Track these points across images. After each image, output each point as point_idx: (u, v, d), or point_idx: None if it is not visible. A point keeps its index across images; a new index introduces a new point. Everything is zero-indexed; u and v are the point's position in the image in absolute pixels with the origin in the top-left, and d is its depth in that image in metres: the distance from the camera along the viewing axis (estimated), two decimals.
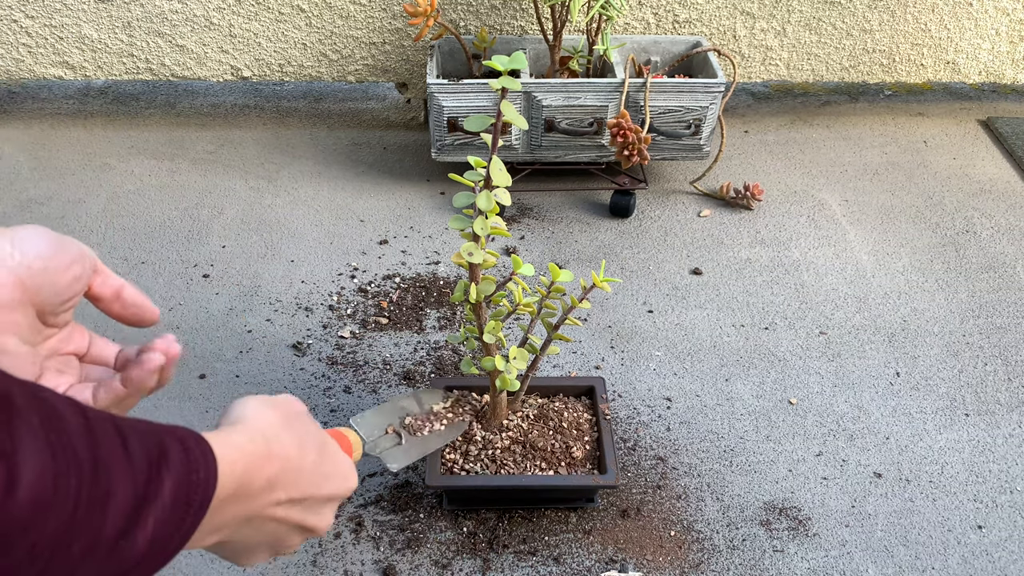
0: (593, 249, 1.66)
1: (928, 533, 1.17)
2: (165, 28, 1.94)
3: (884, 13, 2.01)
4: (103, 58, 1.99)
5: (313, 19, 1.93)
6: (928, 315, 1.53)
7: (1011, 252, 1.68)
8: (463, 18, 1.93)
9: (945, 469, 1.26)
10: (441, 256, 1.63)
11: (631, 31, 1.99)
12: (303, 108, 2.03)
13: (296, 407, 0.58)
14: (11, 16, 1.92)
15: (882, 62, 2.10)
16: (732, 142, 1.99)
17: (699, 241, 1.69)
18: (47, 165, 1.84)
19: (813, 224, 1.74)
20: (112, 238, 1.65)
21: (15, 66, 2.00)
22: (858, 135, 2.03)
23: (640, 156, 1.56)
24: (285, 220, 1.71)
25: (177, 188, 1.79)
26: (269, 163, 1.87)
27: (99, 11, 1.91)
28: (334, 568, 1.11)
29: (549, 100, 1.62)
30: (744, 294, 1.56)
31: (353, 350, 1.42)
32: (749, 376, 1.40)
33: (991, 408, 1.36)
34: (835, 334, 1.48)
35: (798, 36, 2.03)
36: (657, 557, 1.13)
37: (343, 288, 1.55)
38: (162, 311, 1.49)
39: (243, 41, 1.96)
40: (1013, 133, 2.02)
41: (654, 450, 1.28)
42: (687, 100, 1.65)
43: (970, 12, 2.03)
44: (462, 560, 1.12)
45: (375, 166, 1.88)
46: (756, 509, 1.20)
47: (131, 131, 1.95)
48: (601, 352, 1.44)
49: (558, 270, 1.01)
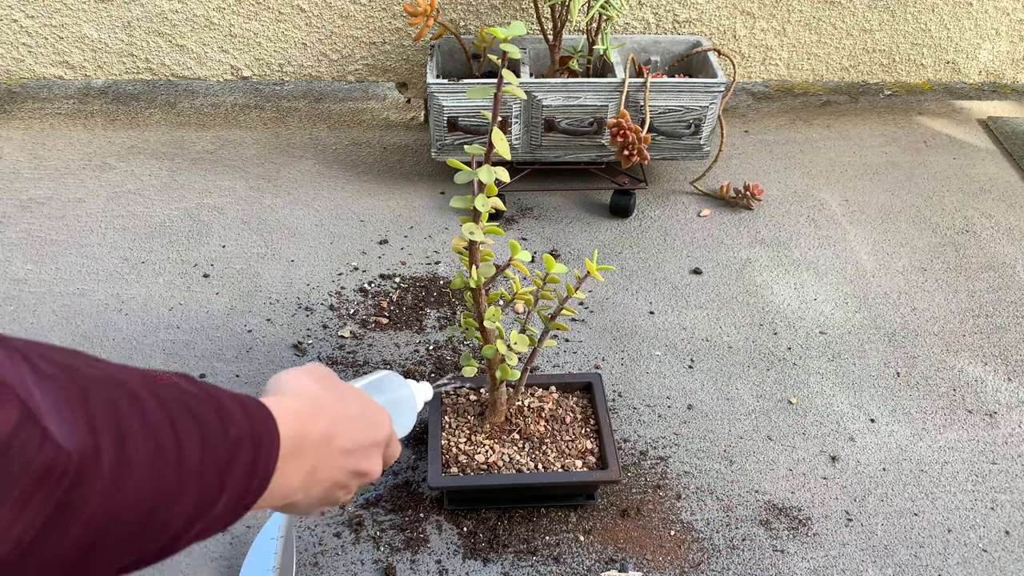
0: (593, 249, 1.66)
1: (928, 533, 1.17)
2: (165, 28, 1.94)
3: (884, 13, 2.01)
4: (103, 58, 1.99)
5: (313, 19, 1.93)
6: (928, 315, 1.53)
7: (1011, 252, 1.68)
8: (463, 18, 1.93)
9: (945, 469, 1.26)
10: (441, 256, 1.63)
11: (631, 31, 1.99)
12: (303, 108, 2.03)
13: (325, 371, 0.63)
14: (11, 16, 1.92)
15: (882, 62, 2.10)
16: (732, 142, 1.99)
17: (699, 241, 1.69)
18: (47, 165, 1.84)
19: (813, 224, 1.74)
20: (112, 238, 1.65)
21: (15, 66, 2.00)
22: (858, 135, 2.03)
23: (640, 156, 1.56)
24: (285, 220, 1.71)
25: (177, 188, 1.79)
26: (269, 163, 1.87)
27: (99, 11, 1.91)
28: (334, 568, 1.11)
29: (549, 100, 1.62)
30: (744, 294, 1.56)
31: (353, 350, 1.42)
32: (749, 376, 1.40)
33: (991, 408, 1.36)
34: (835, 334, 1.48)
35: (798, 36, 2.03)
36: (657, 557, 1.13)
37: (343, 288, 1.55)
38: (162, 311, 1.49)
39: (243, 41, 1.96)
40: (1013, 133, 2.02)
41: (654, 450, 1.28)
42: (687, 100, 1.65)
43: (970, 12, 2.03)
44: (462, 560, 1.12)
45: (375, 166, 1.88)
46: (756, 509, 1.20)
47: (131, 131, 1.95)
48: (601, 352, 1.44)
49: (553, 261, 1.02)
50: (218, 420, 0.44)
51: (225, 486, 0.44)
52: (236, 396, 0.48)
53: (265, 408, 0.50)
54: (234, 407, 0.47)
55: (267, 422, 0.49)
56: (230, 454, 0.45)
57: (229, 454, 0.44)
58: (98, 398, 0.37)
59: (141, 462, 0.38)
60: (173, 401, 0.42)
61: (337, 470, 0.58)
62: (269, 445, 0.48)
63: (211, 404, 0.45)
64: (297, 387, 0.58)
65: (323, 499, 0.59)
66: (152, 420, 0.40)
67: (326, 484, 0.58)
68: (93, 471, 0.35)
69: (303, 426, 0.53)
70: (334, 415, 0.57)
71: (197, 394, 0.45)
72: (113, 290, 1.53)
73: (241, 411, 0.47)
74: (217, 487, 0.44)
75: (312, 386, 0.58)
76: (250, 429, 0.47)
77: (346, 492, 0.61)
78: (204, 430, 0.43)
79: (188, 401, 0.43)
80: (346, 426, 0.59)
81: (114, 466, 0.36)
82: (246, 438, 0.46)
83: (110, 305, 1.50)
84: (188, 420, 0.42)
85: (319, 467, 0.56)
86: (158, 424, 0.40)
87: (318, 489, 0.57)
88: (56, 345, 0.40)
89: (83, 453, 0.35)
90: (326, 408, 0.57)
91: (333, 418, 0.57)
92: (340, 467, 0.58)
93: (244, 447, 0.46)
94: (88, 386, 0.37)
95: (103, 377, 0.39)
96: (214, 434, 0.44)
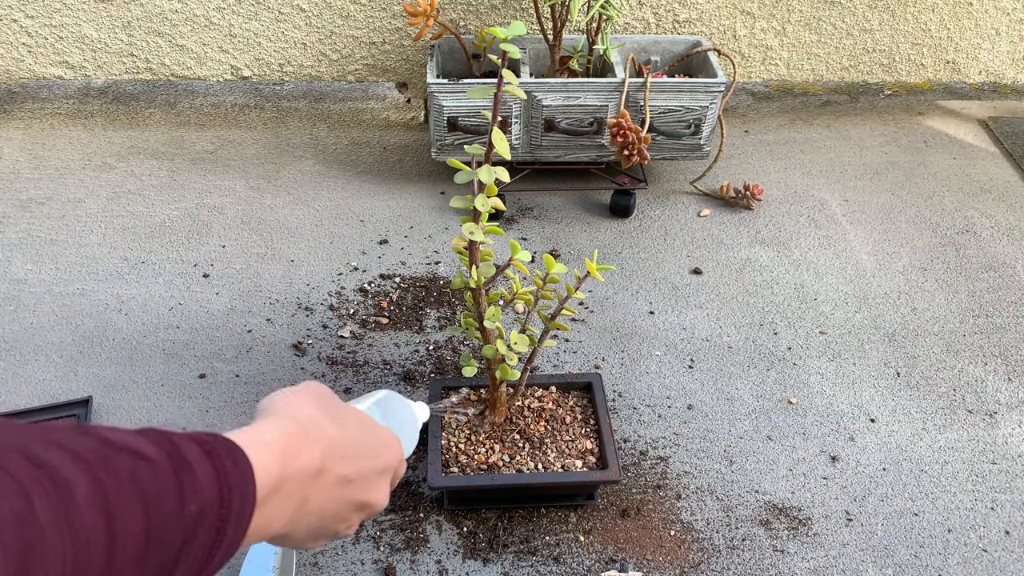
0: (593, 249, 1.66)
1: (928, 533, 1.17)
2: (165, 28, 1.94)
3: (884, 13, 2.01)
4: (103, 58, 1.99)
5: (313, 19, 1.93)
6: (928, 315, 1.53)
7: (1011, 252, 1.68)
8: (463, 18, 1.93)
9: (945, 469, 1.26)
10: (441, 256, 1.63)
11: (631, 31, 1.99)
12: (303, 108, 2.03)
13: (321, 388, 0.58)
14: (11, 16, 1.92)
15: (882, 62, 2.10)
16: (732, 142, 1.99)
17: (699, 241, 1.69)
18: (47, 165, 1.84)
19: (813, 224, 1.74)
20: (112, 238, 1.65)
21: (15, 66, 2.00)
22: (858, 135, 2.03)
23: (640, 156, 1.56)
24: (285, 220, 1.71)
25: (177, 188, 1.79)
26: (269, 163, 1.87)
27: (99, 11, 1.91)
28: (334, 568, 1.11)
29: (549, 100, 1.62)
30: (744, 294, 1.56)
31: (353, 350, 1.42)
32: (749, 376, 1.40)
33: (991, 408, 1.36)
34: (835, 334, 1.48)
35: (798, 36, 2.03)
36: (657, 557, 1.13)
37: (343, 288, 1.55)
38: (162, 311, 1.49)
39: (243, 41, 1.96)
40: (1013, 133, 2.02)
41: (654, 450, 1.28)
42: (687, 100, 1.65)
43: (970, 12, 2.03)
44: (462, 560, 1.12)
45: (375, 166, 1.88)
46: (756, 509, 1.20)
47: (131, 131, 1.95)
48: (601, 352, 1.44)
49: (553, 261, 1.02)
50: (174, 497, 0.40)
51: (181, 559, 0.40)
52: (204, 445, 0.44)
53: (237, 452, 0.45)
54: (199, 464, 0.42)
55: (241, 476, 0.45)
56: (185, 536, 0.41)
57: (184, 536, 0.40)
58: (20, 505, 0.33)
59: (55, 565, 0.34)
60: (118, 488, 0.38)
61: (333, 501, 0.54)
62: (241, 503, 0.44)
63: (170, 475, 0.40)
64: (289, 410, 0.53)
65: (317, 532, 0.55)
66: (78, 515, 0.35)
67: (319, 516, 0.53)
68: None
69: (284, 461, 0.48)
70: (330, 441, 0.53)
71: (151, 463, 0.40)
72: (113, 290, 1.53)
73: (207, 466, 0.43)
74: (170, 564, 0.40)
75: (306, 409, 0.54)
76: (218, 492, 0.42)
77: (347, 526, 0.57)
78: (152, 517, 0.39)
79: (140, 481, 0.39)
80: (344, 452, 0.54)
81: None
82: (209, 509, 0.42)
83: (110, 305, 1.50)
84: (132, 507, 0.38)
85: (310, 498, 0.51)
86: (86, 516, 0.36)
87: (310, 521, 0.53)
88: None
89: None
90: (320, 434, 0.53)
91: (329, 444, 0.53)
92: (337, 498, 0.54)
93: (206, 522, 0.42)
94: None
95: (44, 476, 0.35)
96: (166, 517, 0.39)
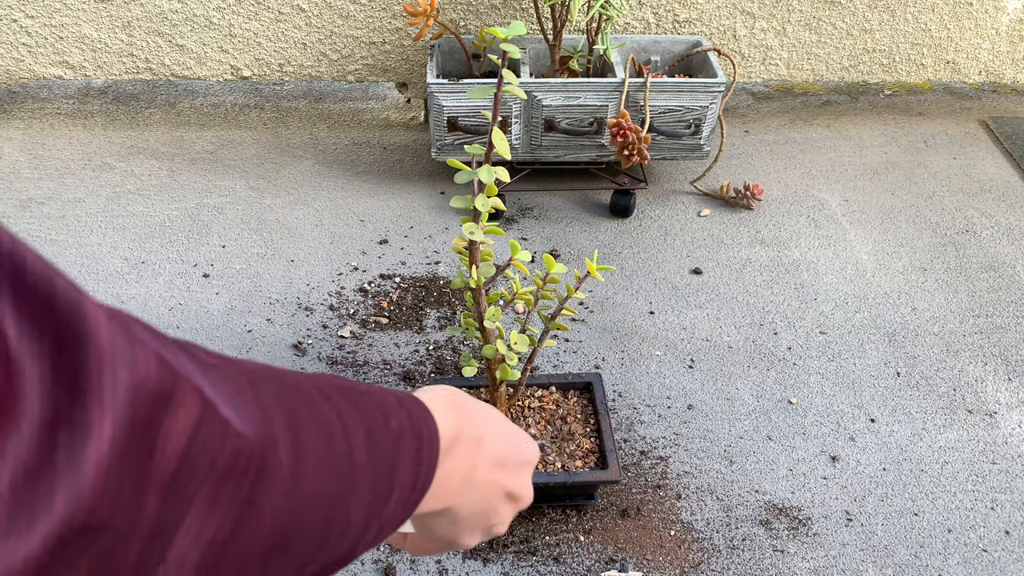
0: (593, 249, 1.66)
1: (928, 533, 1.17)
2: (165, 28, 1.94)
3: (884, 13, 2.01)
4: (103, 58, 1.99)
5: (313, 19, 1.93)
6: (928, 315, 1.53)
7: (1011, 252, 1.68)
8: (463, 18, 1.93)
9: (945, 469, 1.26)
10: (441, 256, 1.63)
11: (631, 31, 1.99)
12: (303, 108, 2.03)
13: (453, 388, 0.61)
14: (11, 16, 1.92)
15: (882, 62, 2.10)
16: (732, 142, 1.99)
17: (699, 241, 1.69)
18: (47, 165, 1.84)
19: (813, 224, 1.74)
20: (112, 238, 1.65)
21: (15, 66, 2.00)
22: (858, 135, 2.03)
23: (640, 156, 1.56)
24: (285, 220, 1.71)
25: (177, 188, 1.79)
26: (269, 163, 1.87)
27: (99, 11, 1.91)
28: None
29: (549, 100, 1.62)
30: (744, 294, 1.57)
31: (353, 350, 1.42)
32: (749, 376, 1.40)
33: (991, 408, 1.36)
34: (835, 334, 1.48)
35: (798, 36, 2.03)
36: (657, 557, 1.13)
37: (343, 288, 1.55)
38: (162, 311, 1.49)
39: (243, 41, 1.96)
40: (1013, 133, 2.02)
41: (654, 450, 1.28)
42: (687, 100, 1.65)
43: (970, 12, 2.03)
44: (462, 560, 1.12)
45: (375, 166, 1.88)
46: (756, 509, 1.20)
47: (131, 131, 1.95)
48: (601, 352, 1.44)
49: (553, 261, 1.02)
50: (379, 411, 0.42)
51: (395, 480, 0.42)
52: (389, 390, 0.47)
53: (420, 401, 0.48)
54: (390, 400, 0.45)
55: (424, 414, 0.47)
56: (394, 445, 0.42)
57: (393, 445, 0.42)
58: (265, 387, 0.35)
59: (315, 454, 0.36)
60: (333, 392, 0.40)
61: (493, 484, 0.54)
62: (430, 437, 0.46)
63: (368, 396, 0.43)
64: (427, 394, 0.54)
65: (477, 516, 0.54)
66: (319, 410, 0.38)
67: (482, 493, 0.53)
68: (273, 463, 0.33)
69: (459, 421, 0.50)
70: (483, 419, 0.54)
71: (352, 386, 0.43)
72: (113, 290, 1.53)
73: (397, 404, 0.45)
74: (387, 482, 0.42)
75: (449, 399, 0.55)
76: (409, 420, 0.45)
77: (499, 519, 0.56)
78: (368, 421, 0.41)
79: (346, 392, 0.41)
80: (494, 432, 0.55)
81: (291, 457, 0.34)
82: (407, 430, 0.44)
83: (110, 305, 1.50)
84: (351, 411, 0.40)
85: (476, 467, 0.52)
86: (325, 414, 0.38)
87: (475, 497, 0.53)
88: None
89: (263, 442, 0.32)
90: (471, 405, 0.54)
91: (481, 421, 0.54)
92: (495, 480, 0.54)
93: (406, 439, 0.44)
94: (253, 376, 0.35)
95: (261, 368, 0.37)
96: (377, 425, 0.42)
